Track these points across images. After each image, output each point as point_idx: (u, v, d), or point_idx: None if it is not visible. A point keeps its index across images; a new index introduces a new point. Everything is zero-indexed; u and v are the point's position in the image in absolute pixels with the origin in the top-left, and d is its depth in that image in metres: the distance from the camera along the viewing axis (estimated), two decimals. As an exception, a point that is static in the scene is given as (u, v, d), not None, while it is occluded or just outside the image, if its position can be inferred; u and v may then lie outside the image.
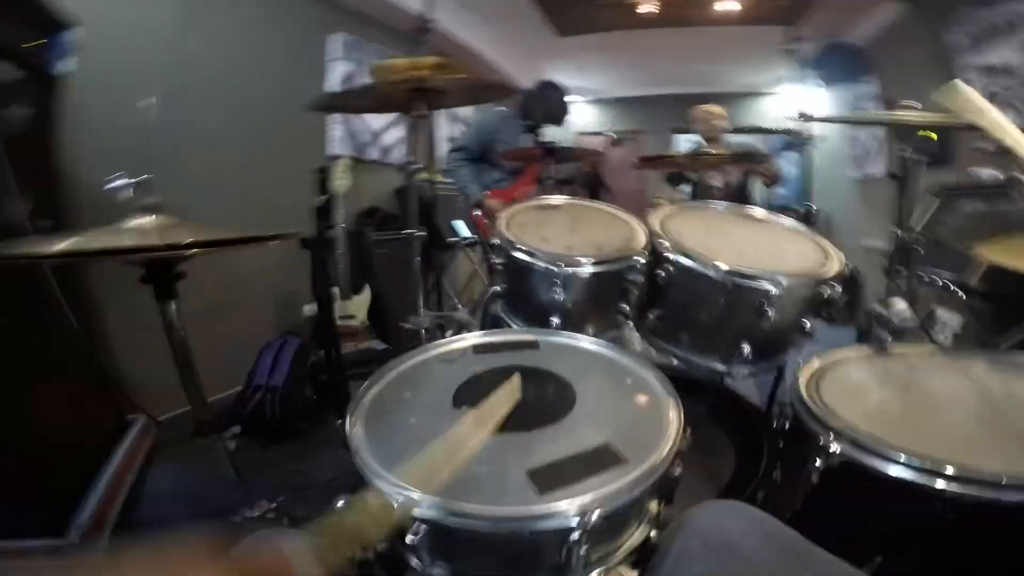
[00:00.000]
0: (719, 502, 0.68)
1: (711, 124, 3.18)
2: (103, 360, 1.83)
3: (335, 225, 2.35)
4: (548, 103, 2.89)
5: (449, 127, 4.53)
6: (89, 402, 1.71)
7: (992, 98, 2.74)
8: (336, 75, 3.34)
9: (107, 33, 2.08)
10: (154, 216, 1.10)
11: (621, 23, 4.25)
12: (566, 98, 2.98)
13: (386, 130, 3.79)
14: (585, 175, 3.15)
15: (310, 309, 2.56)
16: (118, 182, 1.17)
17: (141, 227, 1.07)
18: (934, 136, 1.24)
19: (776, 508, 0.84)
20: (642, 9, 3.87)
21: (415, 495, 0.61)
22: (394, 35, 3.74)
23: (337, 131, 3.40)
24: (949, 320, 2.62)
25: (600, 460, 0.68)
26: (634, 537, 0.69)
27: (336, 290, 2.48)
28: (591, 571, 0.65)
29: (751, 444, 1.32)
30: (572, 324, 1.11)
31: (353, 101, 1.59)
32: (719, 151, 3.00)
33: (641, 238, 1.19)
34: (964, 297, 2.28)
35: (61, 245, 0.92)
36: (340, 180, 2.53)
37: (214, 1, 2.60)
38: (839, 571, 0.55)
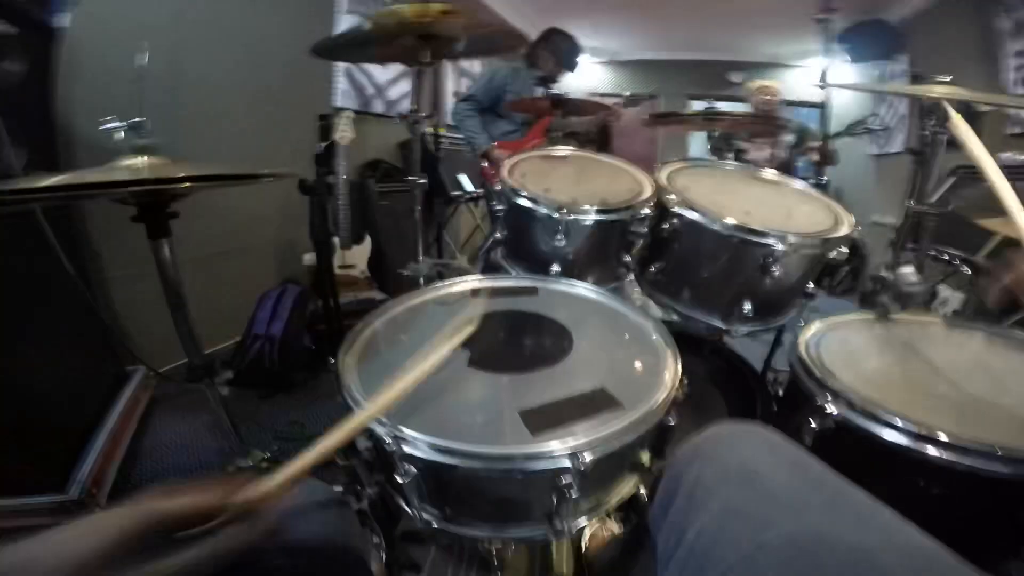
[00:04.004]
0: (737, 424, 0.59)
1: (762, 100, 3.18)
2: (101, 310, 1.82)
3: (336, 172, 2.30)
4: (558, 50, 2.81)
5: (456, 82, 4.42)
6: (88, 353, 1.71)
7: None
8: (341, 28, 3.23)
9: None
10: (146, 157, 1.07)
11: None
12: (576, 44, 2.88)
13: (392, 84, 3.69)
14: (595, 131, 3.05)
15: (310, 258, 2.55)
16: (111, 124, 1.15)
17: (133, 166, 1.04)
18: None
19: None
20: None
21: (408, 432, 0.60)
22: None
23: (341, 84, 3.32)
24: (950, 297, 2.61)
25: (595, 404, 0.67)
26: (625, 489, 0.68)
27: (336, 240, 2.46)
28: (580, 520, 0.65)
29: (746, 404, 1.32)
30: (573, 274, 1.09)
31: (356, 48, 1.53)
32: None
33: (647, 191, 1.15)
34: (970, 273, 2.25)
35: (50, 180, 0.89)
36: (343, 132, 2.48)
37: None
38: (876, 512, 0.47)
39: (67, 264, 1.54)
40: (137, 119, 1.13)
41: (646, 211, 1.08)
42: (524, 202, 1.09)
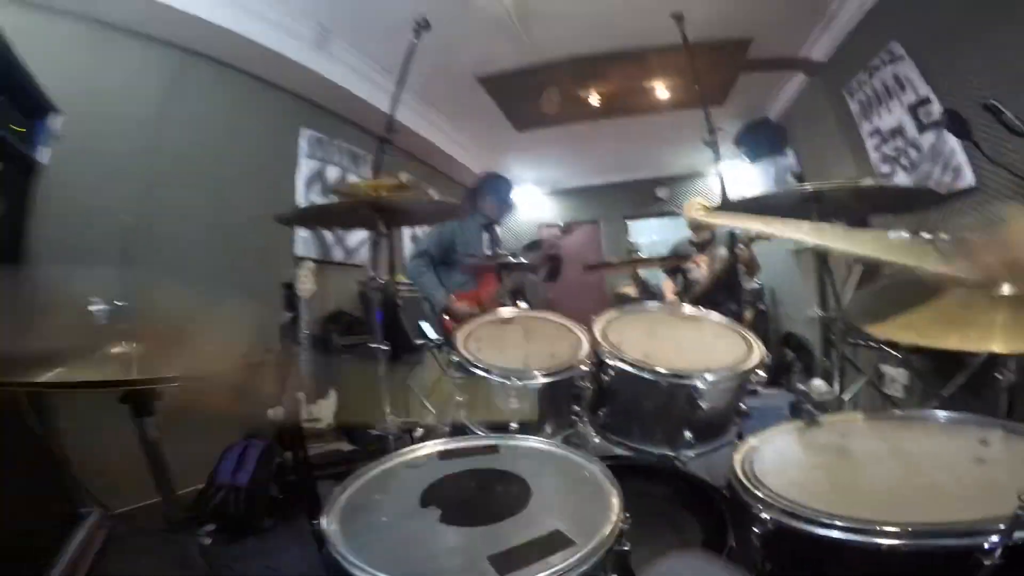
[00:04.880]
0: (677, 555, 0.78)
1: (691, 216, 3.59)
2: (52, 446, 1.74)
3: (301, 339, 2.41)
4: (495, 191, 3.06)
5: (412, 229, 4.70)
6: (37, 492, 1.63)
7: (890, 161, 3.03)
8: (303, 173, 3.50)
9: (84, 122, 2.08)
10: (132, 344, 1.15)
11: (571, 116, 4.54)
12: (509, 182, 3.15)
13: (350, 231, 3.88)
14: (546, 264, 3.25)
15: (275, 413, 2.55)
16: (95, 307, 1.23)
17: (121, 356, 1.10)
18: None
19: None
20: (590, 100, 4.20)
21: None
22: (360, 132, 3.96)
23: (301, 232, 3.45)
24: (897, 375, 2.79)
25: (553, 544, 0.77)
26: None
27: (302, 395, 2.50)
28: None
29: (714, 517, 1.39)
30: (530, 427, 1.24)
31: (318, 217, 1.74)
32: (703, 240, 3.34)
33: (586, 345, 1.36)
34: (899, 356, 2.45)
35: (47, 376, 0.96)
36: (305, 284, 2.60)
37: (187, 93, 2.73)
38: None
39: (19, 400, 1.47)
40: (121, 303, 1.22)
41: (586, 367, 1.28)
42: (479, 372, 1.27)
